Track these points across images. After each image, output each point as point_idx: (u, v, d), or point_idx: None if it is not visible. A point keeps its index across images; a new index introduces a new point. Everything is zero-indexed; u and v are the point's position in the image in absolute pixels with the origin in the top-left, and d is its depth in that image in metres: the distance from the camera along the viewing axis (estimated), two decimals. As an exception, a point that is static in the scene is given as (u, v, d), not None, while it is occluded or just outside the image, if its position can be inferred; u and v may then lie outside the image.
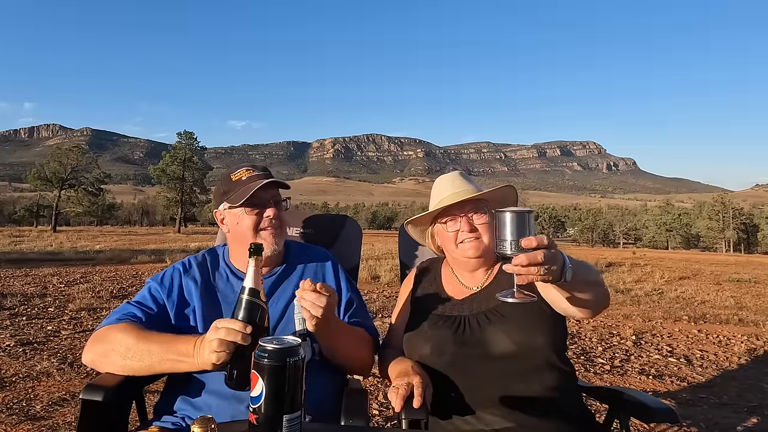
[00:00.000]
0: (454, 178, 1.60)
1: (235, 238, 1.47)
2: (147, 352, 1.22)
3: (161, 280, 1.45)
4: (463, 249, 1.49)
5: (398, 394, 1.21)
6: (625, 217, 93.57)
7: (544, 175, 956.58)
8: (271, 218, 1.43)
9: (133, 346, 1.23)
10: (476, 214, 1.50)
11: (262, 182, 1.41)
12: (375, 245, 21.45)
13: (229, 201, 1.44)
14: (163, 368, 1.22)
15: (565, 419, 1.31)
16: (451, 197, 1.52)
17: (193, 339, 1.18)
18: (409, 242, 2.00)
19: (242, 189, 1.42)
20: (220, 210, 1.48)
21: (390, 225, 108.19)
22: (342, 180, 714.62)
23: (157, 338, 1.24)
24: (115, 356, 1.24)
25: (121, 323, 1.30)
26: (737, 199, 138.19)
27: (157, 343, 1.22)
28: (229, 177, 1.48)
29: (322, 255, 1.61)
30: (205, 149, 60.82)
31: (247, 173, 1.46)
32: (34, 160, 65.63)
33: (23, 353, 4.25)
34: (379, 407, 3.33)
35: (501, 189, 1.55)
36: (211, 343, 1.08)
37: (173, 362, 1.19)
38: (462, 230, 1.49)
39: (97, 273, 10.34)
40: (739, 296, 9.93)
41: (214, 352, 1.07)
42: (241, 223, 1.43)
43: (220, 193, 1.49)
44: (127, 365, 1.23)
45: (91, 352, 1.29)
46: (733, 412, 3.47)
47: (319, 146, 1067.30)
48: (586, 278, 1.15)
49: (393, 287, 9.36)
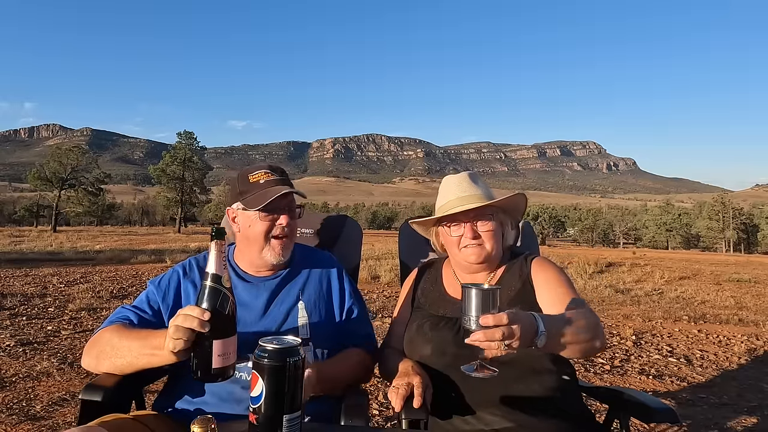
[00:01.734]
0: (462, 180, 1.55)
1: (245, 240, 1.46)
2: (127, 348, 1.22)
3: (158, 283, 1.45)
4: (466, 254, 1.48)
5: (398, 394, 1.21)
6: (625, 217, 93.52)
7: (544, 175, 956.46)
8: (284, 226, 1.42)
9: (117, 345, 1.25)
10: (480, 221, 1.47)
11: (281, 191, 1.39)
12: (375, 245, 21.45)
13: (245, 203, 1.42)
14: (141, 363, 1.21)
15: (564, 419, 1.30)
16: (457, 201, 1.50)
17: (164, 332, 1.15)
18: (409, 242, 2.00)
19: (259, 193, 1.40)
20: (234, 208, 1.46)
21: (390, 225, 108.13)
22: (342, 180, 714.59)
23: (136, 334, 1.25)
24: (104, 357, 1.26)
25: (112, 325, 1.32)
26: (737, 199, 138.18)
27: (135, 339, 1.23)
28: (246, 177, 1.45)
29: (328, 260, 1.61)
30: (205, 149, 60.84)
31: (266, 176, 1.44)
32: (34, 160, 65.67)
33: (23, 353, 4.25)
34: (379, 407, 3.32)
35: (511, 198, 1.52)
36: (169, 329, 1.06)
37: (149, 356, 1.18)
38: (465, 236, 1.47)
39: (97, 273, 10.34)
40: (739, 296, 9.92)
41: (171, 339, 1.05)
42: (254, 227, 1.41)
43: (236, 192, 1.46)
44: (114, 364, 1.25)
45: (87, 356, 1.31)
46: (733, 412, 3.47)
47: (319, 146, 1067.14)
48: (567, 339, 1.15)
49: (393, 287, 9.36)
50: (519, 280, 1.46)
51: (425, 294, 1.58)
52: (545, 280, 1.42)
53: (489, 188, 1.57)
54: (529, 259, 1.51)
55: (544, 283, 1.42)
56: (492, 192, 1.56)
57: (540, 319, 1.10)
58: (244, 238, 1.45)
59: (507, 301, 1.42)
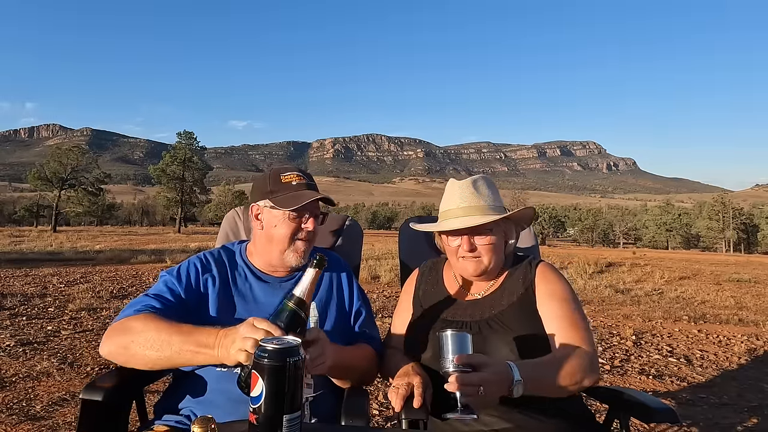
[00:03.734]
0: (464, 189, 1.48)
1: (266, 238, 1.44)
2: (167, 342, 1.16)
3: (177, 273, 1.41)
4: (463, 266, 1.47)
5: (398, 394, 1.21)
6: (625, 217, 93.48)
7: (544, 175, 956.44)
8: (309, 231, 1.42)
9: (154, 337, 1.17)
10: (479, 234, 1.42)
11: (314, 195, 1.39)
12: (375, 245, 21.45)
13: (275, 202, 1.41)
14: (181, 360, 1.17)
15: (564, 419, 1.31)
16: (457, 212, 1.45)
17: (215, 330, 1.14)
18: (409, 242, 2.00)
19: (292, 194, 1.40)
20: (260, 205, 1.45)
21: (390, 225, 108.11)
22: (342, 180, 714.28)
23: (177, 328, 1.19)
24: (136, 347, 1.18)
25: (141, 314, 1.25)
26: (737, 199, 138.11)
27: (177, 334, 1.17)
28: (278, 177, 1.45)
29: (338, 261, 1.61)
30: (205, 149, 60.82)
31: (298, 179, 1.44)
32: (34, 160, 65.65)
33: (23, 353, 4.25)
34: (379, 407, 3.32)
35: (518, 212, 1.50)
36: (245, 341, 1.02)
37: (192, 354, 1.14)
38: (462, 247, 1.44)
39: (97, 273, 10.34)
40: (739, 296, 9.92)
41: (244, 352, 1.02)
42: (279, 227, 1.41)
43: (265, 189, 1.44)
44: (147, 356, 1.18)
45: (109, 344, 1.22)
46: (733, 412, 3.47)
47: (319, 146, 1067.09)
48: (549, 385, 1.15)
49: (393, 287, 9.36)
50: (522, 286, 1.44)
51: (426, 295, 1.57)
52: (549, 293, 1.40)
53: (496, 194, 1.51)
54: (533, 264, 1.49)
55: (546, 294, 1.40)
56: (498, 199, 1.50)
57: (515, 369, 1.10)
58: (266, 237, 1.44)
59: (509, 306, 1.41)
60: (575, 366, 1.21)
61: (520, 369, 1.10)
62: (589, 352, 1.27)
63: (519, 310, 1.40)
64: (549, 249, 33.68)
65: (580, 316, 1.37)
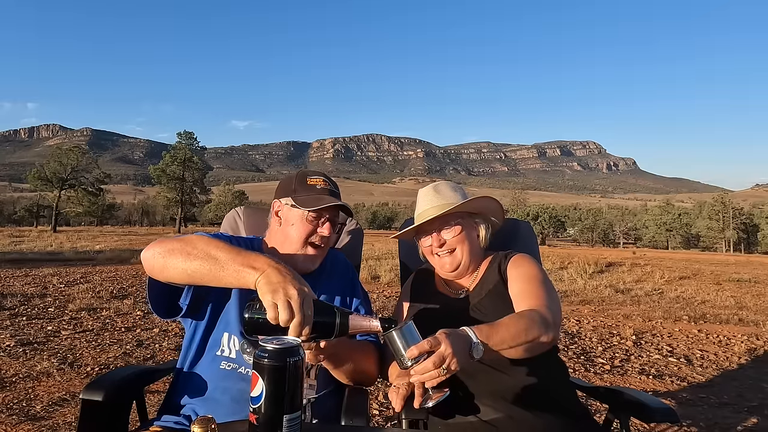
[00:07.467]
0: (428, 192, 1.60)
1: (282, 236, 1.45)
2: (213, 257, 1.14)
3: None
4: (441, 264, 1.56)
5: (398, 394, 1.22)
6: (625, 217, 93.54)
7: (544, 175, 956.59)
8: (324, 236, 1.42)
9: (202, 248, 1.15)
10: (445, 228, 1.53)
11: (335, 201, 1.41)
12: (375, 245, 21.44)
13: (296, 201, 1.42)
14: (223, 275, 1.12)
15: (558, 411, 1.33)
16: (422, 216, 1.56)
17: (263, 257, 1.12)
18: (408, 242, 2.00)
19: (314, 196, 1.42)
20: (282, 202, 1.46)
21: (390, 225, 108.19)
22: (342, 180, 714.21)
23: (228, 248, 1.16)
24: (179, 255, 1.16)
25: (197, 235, 1.24)
26: (737, 199, 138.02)
27: (225, 251, 1.14)
28: (305, 178, 1.47)
29: (343, 260, 1.64)
30: (205, 149, 60.87)
31: (323, 184, 1.46)
32: (34, 160, 65.72)
33: (23, 353, 4.25)
34: (379, 407, 3.33)
35: (471, 201, 1.55)
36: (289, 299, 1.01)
37: (237, 272, 1.10)
38: (433, 245, 1.54)
39: (97, 273, 10.34)
40: (739, 296, 9.93)
41: (274, 307, 1.00)
42: (296, 226, 1.42)
43: (290, 188, 1.46)
44: (188, 267, 1.15)
45: (153, 248, 1.20)
46: (733, 412, 3.47)
47: (319, 146, 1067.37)
48: (507, 343, 1.16)
49: (393, 287, 9.37)
50: (497, 275, 1.52)
51: (421, 298, 1.61)
52: (517, 275, 1.47)
53: (459, 193, 1.59)
54: (509, 256, 1.56)
55: (516, 276, 1.47)
56: (460, 198, 1.57)
57: (472, 331, 1.11)
58: (283, 234, 1.45)
59: (486, 294, 1.48)
60: (529, 322, 1.22)
61: (476, 331, 1.12)
62: (544, 311, 1.29)
63: (495, 296, 1.47)
64: (549, 249, 33.69)
65: (545, 289, 1.40)
